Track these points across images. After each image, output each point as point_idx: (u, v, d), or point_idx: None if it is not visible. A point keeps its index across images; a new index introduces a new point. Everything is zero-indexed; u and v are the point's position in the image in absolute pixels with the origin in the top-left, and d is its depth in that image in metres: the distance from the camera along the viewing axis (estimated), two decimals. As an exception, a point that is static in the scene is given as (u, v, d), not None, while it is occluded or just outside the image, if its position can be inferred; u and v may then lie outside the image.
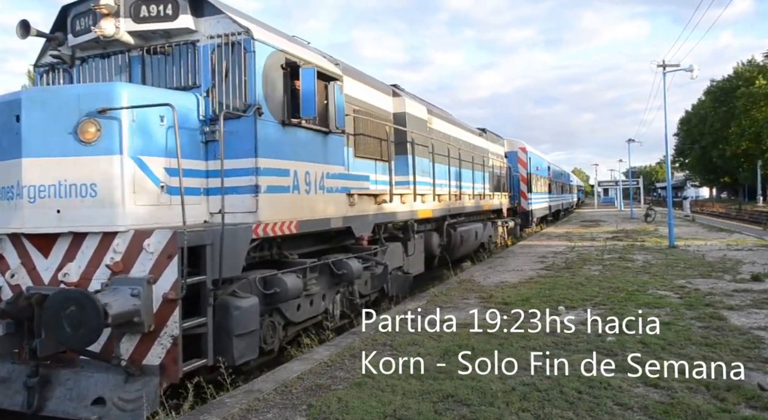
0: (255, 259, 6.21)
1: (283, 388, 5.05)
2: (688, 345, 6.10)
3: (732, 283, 10.15)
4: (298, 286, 6.37)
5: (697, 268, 12.01)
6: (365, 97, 8.93)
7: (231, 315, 5.37)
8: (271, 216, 6.00)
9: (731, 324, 7.02)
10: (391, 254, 9.44)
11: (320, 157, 7.11)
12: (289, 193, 6.37)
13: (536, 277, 11.30)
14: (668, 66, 18.63)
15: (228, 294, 5.55)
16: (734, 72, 60.84)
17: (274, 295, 6.04)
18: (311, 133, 6.91)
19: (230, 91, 5.89)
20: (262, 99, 5.96)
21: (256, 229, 5.74)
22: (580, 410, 4.38)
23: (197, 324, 5.09)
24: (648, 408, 4.41)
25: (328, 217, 7.27)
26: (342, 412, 4.40)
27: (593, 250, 16.60)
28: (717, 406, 4.40)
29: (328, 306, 7.65)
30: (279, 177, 6.17)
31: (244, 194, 5.81)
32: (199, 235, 5.12)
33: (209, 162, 5.87)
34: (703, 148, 66.01)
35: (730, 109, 57.21)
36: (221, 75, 5.91)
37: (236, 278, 5.69)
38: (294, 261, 6.77)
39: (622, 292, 9.35)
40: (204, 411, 4.56)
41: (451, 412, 4.39)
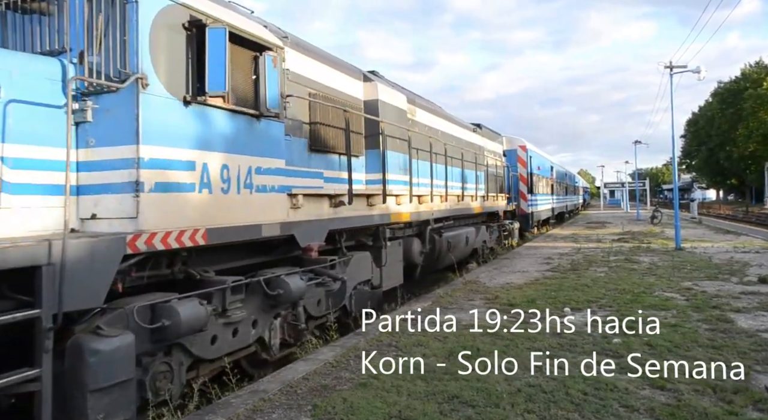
0: (143, 281, 4.77)
1: (288, 388, 5.06)
2: (694, 347, 6.07)
3: (739, 285, 10.09)
4: (200, 315, 4.83)
5: (703, 271, 11.96)
6: (325, 80, 7.53)
7: (84, 362, 3.94)
8: (163, 223, 4.57)
9: (738, 326, 6.98)
10: (356, 266, 8.05)
11: (246, 148, 5.57)
12: (195, 193, 4.91)
13: (542, 279, 11.27)
14: (675, 67, 18.55)
15: (88, 331, 4.13)
16: (742, 73, 60.62)
17: (162, 330, 4.56)
18: (232, 116, 5.40)
19: (109, 57, 4.51)
20: (150, 67, 4.55)
21: (134, 240, 4.29)
22: (585, 412, 4.37)
23: (22, 379, 3.61)
24: (654, 410, 4.39)
25: (258, 223, 5.69)
26: (347, 413, 4.40)
27: (599, 251, 16.54)
28: (724, 409, 4.38)
29: (263, 334, 6.14)
30: (177, 171, 4.76)
31: (121, 193, 4.43)
32: (28, 251, 3.66)
33: (80, 150, 4.53)
34: (710, 150, 65.75)
35: (738, 110, 56.99)
36: (96, 35, 4.54)
37: (105, 309, 4.27)
38: (209, 279, 5.31)
39: (628, 293, 9.31)
40: (209, 411, 4.57)
41: (456, 413, 4.38)
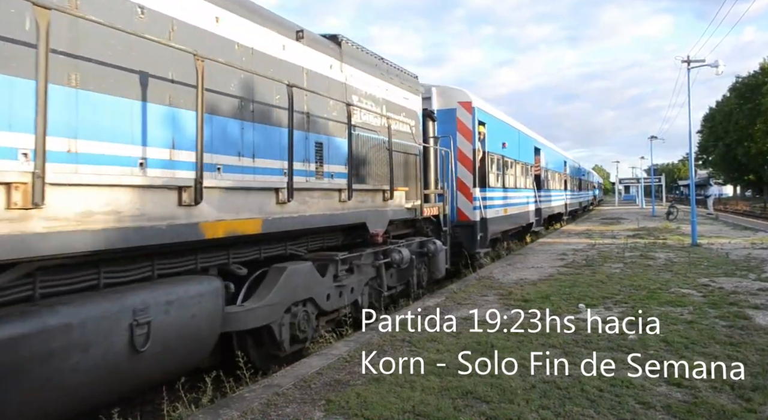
0: None
1: (302, 383, 5.06)
2: (711, 344, 6.00)
3: (757, 282, 9.95)
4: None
5: (720, 267, 11.80)
6: None
7: None
8: None
9: (756, 323, 6.88)
10: None
11: None
12: None
13: (556, 275, 11.19)
14: (693, 61, 18.29)
15: None
16: (760, 68, 59.69)
17: None
18: None
19: None
20: None
21: None
22: (601, 408, 4.33)
23: None
24: (671, 407, 4.34)
25: None
26: (361, 408, 4.40)
27: (614, 247, 16.39)
28: (742, 406, 4.31)
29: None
30: None
31: None
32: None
33: None
34: (727, 146, 64.88)
35: (756, 105, 56.16)
36: None
37: None
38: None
39: (643, 290, 9.22)
40: (224, 405, 4.58)
41: (470, 409, 4.36)
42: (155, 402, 5.52)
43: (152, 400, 5.87)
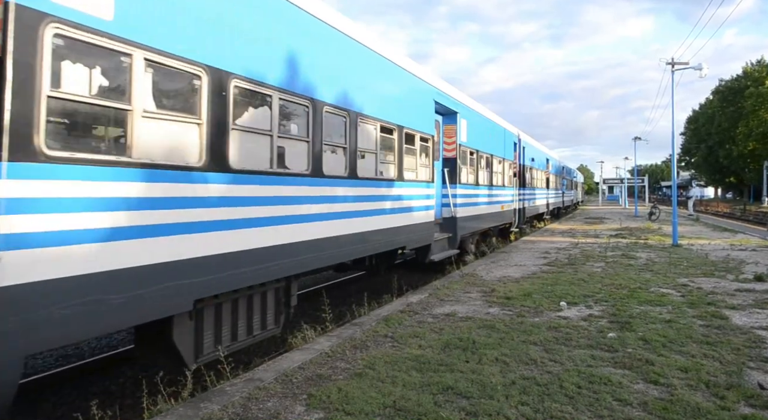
0: None
1: (284, 377, 5.07)
2: (689, 343, 6.09)
3: (735, 282, 10.12)
4: None
5: (700, 267, 11.98)
6: None
7: None
8: None
9: (733, 323, 7.01)
10: None
11: None
12: None
13: (539, 273, 11.29)
14: (677, 64, 18.49)
15: None
16: (743, 72, 60.51)
17: None
18: None
19: None
20: None
21: None
22: (579, 405, 4.39)
23: None
24: (647, 404, 4.40)
25: None
26: (342, 402, 4.41)
27: (596, 247, 16.57)
28: (716, 404, 4.40)
29: None
30: None
31: None
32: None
33: None
34: (709, 148, 65.78)
35: (738, 108, 57.01)
36: None
37: None
38: None
39: (624, 289, 9.34)
40: (204, 399, 4.57)
41: (450, 404, 4.40)
42: (135, 395, 5.50)
43: (132, 393, 5.84)
